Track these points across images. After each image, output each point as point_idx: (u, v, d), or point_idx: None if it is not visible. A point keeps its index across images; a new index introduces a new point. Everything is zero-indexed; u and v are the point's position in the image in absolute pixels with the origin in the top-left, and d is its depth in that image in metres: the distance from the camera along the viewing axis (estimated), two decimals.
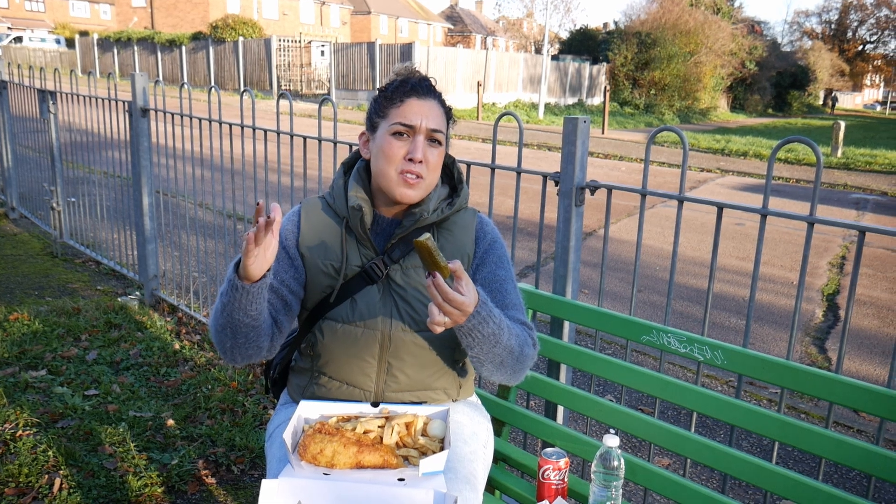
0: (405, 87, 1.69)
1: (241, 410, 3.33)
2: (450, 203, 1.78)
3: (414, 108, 1.67)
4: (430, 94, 1.71)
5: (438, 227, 1.77)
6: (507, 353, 1.61)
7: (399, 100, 1.68)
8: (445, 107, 1.75)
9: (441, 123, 1.71)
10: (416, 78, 1.73)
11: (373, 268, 1.71)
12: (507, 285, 1.76)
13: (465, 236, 1.78)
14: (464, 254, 1.77)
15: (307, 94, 27.92)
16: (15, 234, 6.54)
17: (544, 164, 13.68)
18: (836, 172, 14.74)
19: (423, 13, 61.42)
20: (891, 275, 6.99)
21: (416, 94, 1.69)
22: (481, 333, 1.53)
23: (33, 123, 6.28)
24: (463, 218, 1.81)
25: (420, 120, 1.67)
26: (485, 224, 1.82)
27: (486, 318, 1.52)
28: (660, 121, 30.42)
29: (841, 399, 1.61)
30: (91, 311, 4.47)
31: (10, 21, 47.48)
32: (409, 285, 1.72)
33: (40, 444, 2.93)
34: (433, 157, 1.69)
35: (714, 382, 4.27)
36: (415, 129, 1.66)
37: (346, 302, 1.72)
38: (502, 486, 2.02)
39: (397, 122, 1.67)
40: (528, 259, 6.64)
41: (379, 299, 1.71)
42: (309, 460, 1.47)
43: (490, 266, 1.77)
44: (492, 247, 1.79)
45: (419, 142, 1.66)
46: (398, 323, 1.71)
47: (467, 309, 1.45)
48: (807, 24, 66.38)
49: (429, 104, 1.69)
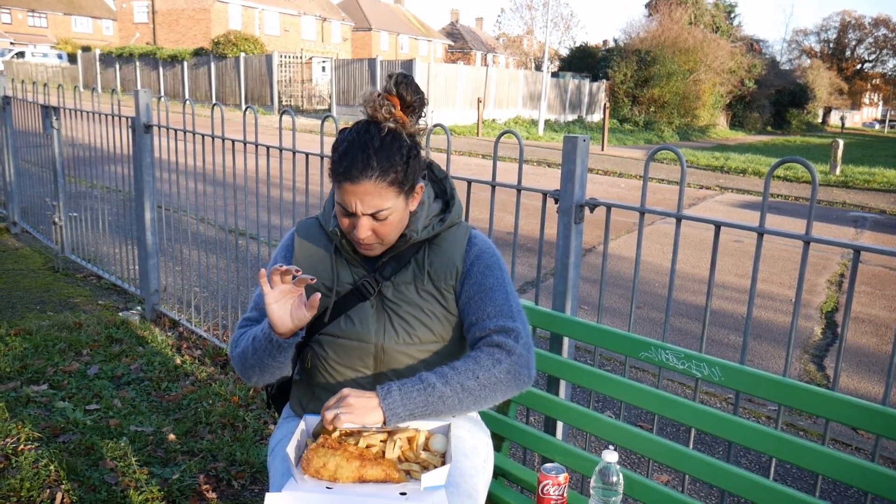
0: (340, 167, 1.59)
1: (242, 425, 3.34)
2: (441, 220, 1.78)
3: (349, 193, 1.60)
4: (364, 176, 1.57)
5: (429, 244, 1.77)
6: (467, 393, 1.61)
7: (337, 180, 1.61)
8: (393, 173, 1.60)
9: (382, 201, 1.60)
10: (351, 154, 1.59)
11: (364, 285, 1.74)
12: (493, 293, 1.74)
13: (455, 252, 1.77)
14: (451, 268, 1.76)
15: (308, 110, 28.03)
16: (16, 249, 6.56)
17: (544, 181, 13.73)
18: (835, 190, 14.78)
19: (424, 30, 61.76)
20: (889, 293, 7.01)
21: (349, 180, 1.58)
22: (415, 402, 1.57)
23: (36, 138, 6.32)
24: (454, 233, 1.80)
25: (355, 206, 1.60)
26: (474, 238, 1.81)
27: (399, 388, 1.57)
28: (659, 138, 30.53)
29: (837, 416, 1.63)
30: (92, 325, 4.48)
31: (12, 36, 47.74)
32: (401, 300, 1.74)
33: (42, 458, 2.94)
34: (383, 228, 1.65)
35: (712, 399, 4.27)
36: (355, 214, 1.62)
37: (340, 318, 1.75)
38: (502, 501, 2.03)
39: (338, 201, 1.64)
40: (528, 275, 6.67)
41: (372, 314, 1.74)
42: (312, 474, 1.48)
43: (475, 277, 1.75)
44: (478, 258, 1.77)
45: (362, 223, 1.63)
46: (392, 336, 1.73)
47: (347, 395, 1.53)
48: (805, 42, 66.85)
49: (363, 188, 1.58)
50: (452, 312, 1.77)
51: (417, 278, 1.75)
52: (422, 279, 1.75)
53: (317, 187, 8.58)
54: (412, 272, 1.75)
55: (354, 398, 1.53)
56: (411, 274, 1.75)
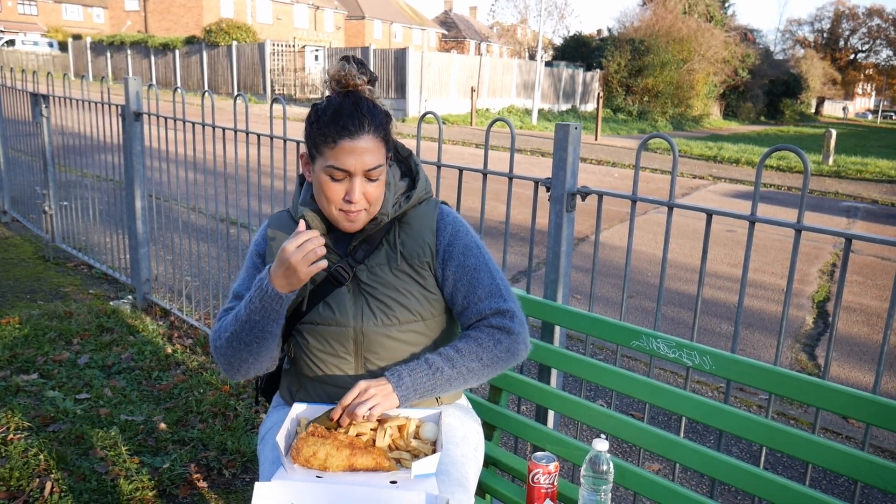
0: (336, 126, 1.59)
1: (233, 414, 3.34)
2: (407, 196, 1.77)
3: (346, 151, 1.59)
4: (362, 130, 1.59)
5: (398, 222, 1.77)
6: (471, 374, 1.69)
7: (332, 140, 1.60)
8: (384, 129, 1.65)
9: (377, 158, 1.63)
10: (346, 109, 1.61)
11: (339, 271, 1.73)
12: (479, 274, 1.75)
13: (425, 228, 1.77)
14: (423, 245, 1.75)
15: (301, 99, 27.92)
16: (6, 238, 6.52)
17: (537, 170, 13.71)
18: (828, 180, 14.81)
19: (418, 18, 61.55)
20: (880, 282, 7.04)
21: (347, 135, 1.58)
22: (424, 386, 1.64)
23: (25, 127, 6.27)
24: (424, 210, 1.79)
25: (354, 164, 1.60)
26: (445, 214, 1.80)
27: (410, 373, 1.63)
28: (653, 127, 30.52)
29: (828, 405, 1.63)
30: (83, 314, 4.46)
31: (2, 24, 47.34)
32: (376, 283, 1.73)
33: (31, 447, 2.93)
34: (373, 190, 1.65)
35: (704, 388, 4.29)
36: (350, 173, 1.61)
37: (318, 305, 1.75)
38: (493, 489, 2.03)
39: (331, 164, 1.61)
40: (520, 264, 6.66)
41: (349, 298, 1.74)
42: (302, 463, 1.48)
43: (457, 258, 1.75)
44: (455, 237, 1.77)
45: (356, 184, 1.62)
46: (370, 318, 1.72)
47: (367, 387, 1.59)
48: (799, 32, 66.84)
49: (363, 142, 1.60)
50: (431, 290, 1.76)
51: (391, 259, 1.74)
52: (395, 259, 1.74)
53: None
54: (385, 253, 1.74)
55: (374, 388, 1.60)
56: (384, 255, 1.74)
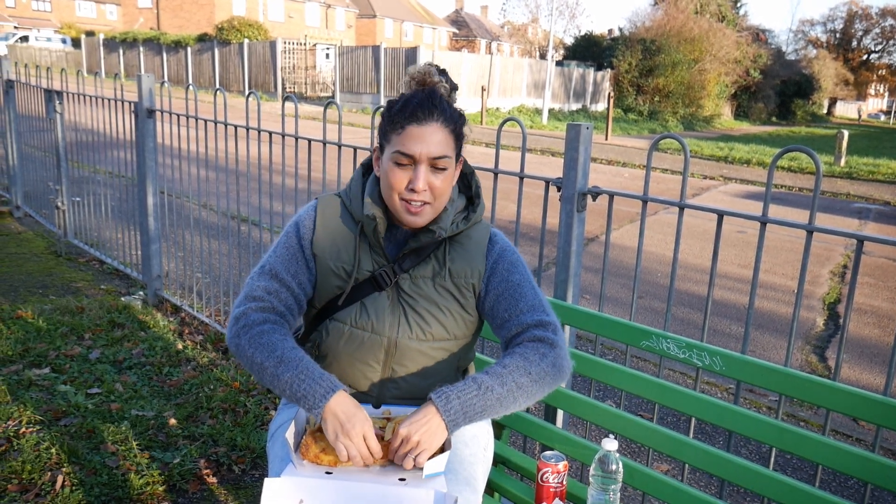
0: (405, 113, 1.59)
1: (243, 410, 3.35)
2: (465, 217, 1.75)
3: (413, 137, 1.58)
4: (431, 118, 1.59)
5: (450, 240, 1.74)
6: (521, 391, 1.58)
7: (400, 126, 1.60)
8: (454, 123, 1.64)
9: (445, 148, 1.61)
10: (418, 98, 1.61)
11: (382, 275, 1.70)
12: (522, 289, 1.73)
13: (477, 250, 1.75)
14: (473, 266, 1.73)
15: (312, 97, 27.98)
16: (19, 233, 6.57)
17: (547, 170, 13.70)
18: (840, 181, 14.74)
19: (429, 17, 61.52)
20: (892, 284, 7.00)
21: (415, 121, 1.58)
22: (474, 408, 1.53)
23: (39, 122, 6.31)
24: (476, 231, 1.77)
25: (420, 149, 1.58)
26: (494, 236, 1.79)
27: (458, 395, 1.52)
28: (663, 127, 30.42)
29: (838, 406, 1.62)
30: (94, 310, 4.49)
31: (16, 20, 47.64)
32: (418, 295, 1.71)
33: (43, 441, 2.95)
34: (439, 183, 1.62)
35: (713, 389, 4.28)
36: (415, 159, 1.59)
37: (354, 305, 1.72)
38: (501, 488, 2.03)
39: (397, 150, 1.60)
40: (530, 263, 6.65)
41: (388, 306, 1.71)
42: (311, 459, 1.48)
43: (501, 274, 1.73)
44: (501, 256, 1.75)
45: (420, 171, 1.60)
46: (406, 330, 1.70)
47: (409, 435, 1.49)
48: (812, 32, 66.38)
49: (430, 129, 1.59)
50: (469, 312, 1.75)
51: (437, 274, 1.72)
52: (441, 275, 1.72)
53: (319, 174, 8.57)
54: (432, 267, 1.72)
55: (417, 433, 1.48)
56: (430, 269, 1.72)
